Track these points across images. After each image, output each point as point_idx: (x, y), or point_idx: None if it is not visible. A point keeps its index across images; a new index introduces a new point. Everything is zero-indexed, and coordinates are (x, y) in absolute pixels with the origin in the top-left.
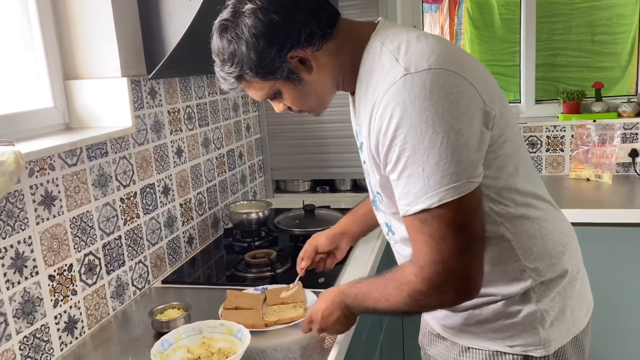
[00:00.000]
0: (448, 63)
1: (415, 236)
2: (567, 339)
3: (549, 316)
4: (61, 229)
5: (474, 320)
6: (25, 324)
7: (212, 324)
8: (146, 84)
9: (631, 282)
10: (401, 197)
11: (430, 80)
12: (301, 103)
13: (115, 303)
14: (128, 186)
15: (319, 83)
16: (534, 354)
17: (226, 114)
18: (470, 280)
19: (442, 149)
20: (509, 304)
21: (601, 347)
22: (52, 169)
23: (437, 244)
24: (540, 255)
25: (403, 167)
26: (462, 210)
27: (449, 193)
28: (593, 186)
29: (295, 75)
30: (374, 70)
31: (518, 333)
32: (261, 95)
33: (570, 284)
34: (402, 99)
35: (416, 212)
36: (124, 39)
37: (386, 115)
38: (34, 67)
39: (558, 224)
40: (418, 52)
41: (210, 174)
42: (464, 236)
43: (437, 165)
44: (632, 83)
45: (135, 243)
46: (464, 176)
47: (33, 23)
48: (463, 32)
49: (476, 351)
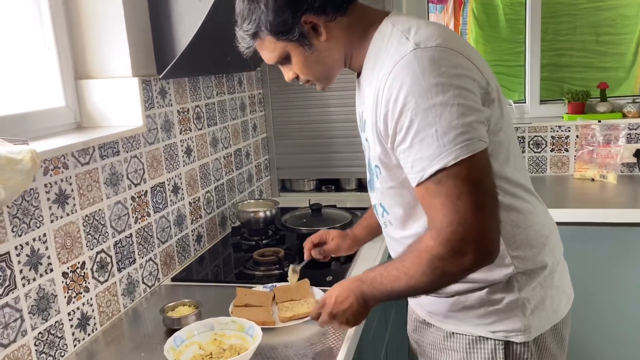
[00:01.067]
0: (455, 45)
1: (431, 201)
2: (546, 327)
3: (529, 304)
4: (74, 226)
5: (459, 307)
6: (40, 320)
7: (223, 321)
8: (156, 84)
9: (636, 282)
10: (414, 164)
11: (438, 54)
12: (308, 70)
13: (126, 300)
14: (139, 185)
15: (328, 53)
16: (514, 340)
17: (234, 114)
18: (488, 239)
19: (453, 109)
20: (493, 292)
21: (605, 346)
22: (65, 167)
23: (453, 203)
24: (522, 244)
25: (416, 132)
26: (476, 168)
27: (463, 150)
28: (598, 186)
29: (306, 40)
30: (382, 48)
31: (500, 319)
32: (272, 57)
33: (550, 276)
34: (412, 69)
35: (432, 174)
36: (135, 39)
37: (396, 84)
38: (46, 67)
39: (541, 217)
40: (427, 33)
41: (218, 173)
42: (480, 192)
43: (450, 124)
44: (637, 83)
45: (146, 241)
46: (475, 134)
47: (45, 23)
48: (468, 32)
49: (460, 336)
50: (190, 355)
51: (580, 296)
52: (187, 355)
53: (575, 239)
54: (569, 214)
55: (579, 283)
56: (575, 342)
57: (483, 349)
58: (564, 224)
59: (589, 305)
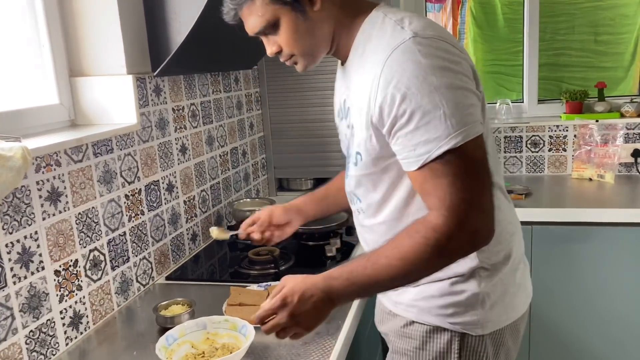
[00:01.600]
0: (449, 39)
1: (436, 182)
2: (505, 322)
3: (489, 299)
4: (67, 224)
5: (422, 296)
6: (31, 319)
7: (216, 320)
8: (151, 82)
9: (634, 282)
10: (418, 147)
11: (436, 44)
12: (296, 41)
13: (119, 299)
14: (133, 183)
15: (319, 24)
16: (471, 333)
17: (230, 112)
18: (491, 216)
19: (458, 91)
20: (455, 283)
21: (607, 347)
22: (58, 165)
23: (462, 182)
24: None
25: (422, 115)
26: (480, 148)
27: (469, 131)
28: (595, 186)
29: (300, 6)
30: (374, 35)
31: (459, 312)
32: (259, 24)
33: (511, 272)
34: (413, 54)
35: (439, 155)
36: (130, 37)
37: (396, 69)
38: (40, 64)
39: (508, 215)
40: (422, 25)
41: (214, 171)
42: (484, 171)
43: (457, 106)
44: (635, 83)
45: (140, 239)
46: (477, 117)
47: (39, 20)
48: (466, 32)
49: (419, 325)
50: (182, 354)
51: (578, 295)
52: (179, 354)
53: (573, 239)
54: (567, 213)
55: (575, 282)
56: (573, 342)
57: (439, 339)
58: (562, 223)
59: (587, 304)
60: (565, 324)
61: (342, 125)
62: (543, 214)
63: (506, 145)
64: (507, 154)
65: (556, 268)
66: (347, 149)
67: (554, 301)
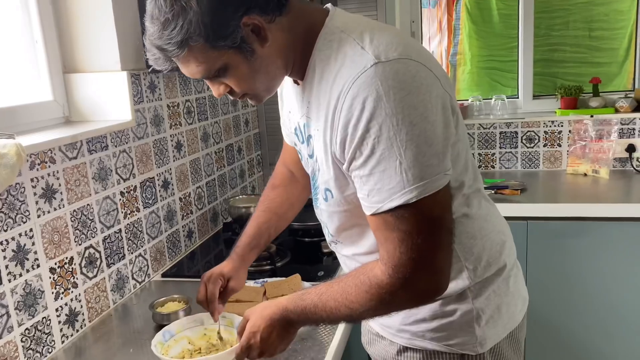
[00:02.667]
0: (415, 55)
1: (387, 234)
2: (502, 335)
3: (484, 314)
4: (62, 222)
5: (411, 320)
6: (26, 317)
7: None
8: (146, 78)
9: (628, 277)
10: (371, 194)
11: (402, 69)
12: (248, 82)
13: (115, 296)
14: (128, 180)
15: (271, 59)
16: (470, 352)
17: (225, 109)
18: (443, 275)
19: (420, 141)
20: (446, 303)
21: (603, 341)
22: (52, 162)
23: (413, 241)
24: (479, 256)
25: (377, 161)
26: (438, 204)
27: (427, 187)
28: (590, 181)
29: (247, 46)
30: (332, 57)
31: (455, 332)
32: (202, 70)
33: (504, 282)
34: (375, 89)
35: (390, 208)
36: (124, 33)
37: (357, 106)
38: (34, 61)
39: (496, 224)
40: (385, 42)
41: (210, 168)
42: (440, 230)
43: (416, 158)
44: (629, 79)
45: (135, 237)
46: (440, 169)
47: (33, 17)
48: (461, 28)
49: (413, 351)
50: (179, 350)
51: (573, 290)
52: (176, 350)
53: (568, 234)
54: (562, 208)
55: (571, 278)
56: (569, 337)
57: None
58: (557, 218)
59: (583, 299)
60: (560, 318)
61: (303, 150)
62: (538, 209)
63: (501, 140)
64: (502, 150)
65: (551, 263)
66: (312, 178)
67: (548, 296)
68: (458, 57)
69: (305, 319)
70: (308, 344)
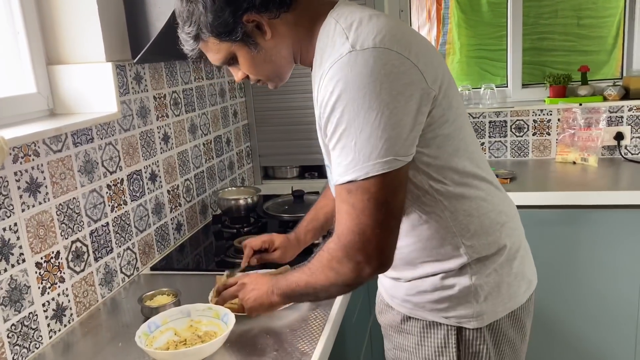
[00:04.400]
0: (393, 43)
1: (340, 205)
2: (502, 313)
3: (482, 291)
4: (47, 216)
5: (414, 291)
6: (12, 312)
7: (200, 308)
8: (131, 69)
9: (617, 264)
10: (334, 167)
11: (373, 58)
12: (257, 70)
13: (103, 290)
14: (115, 173)
15: (275, 51)
16: (467, 326)
17: (213, 100)
18: (382, 254)
19: (374, 125)
20: (446, 277)
21: (591, 328)
22: (36, 155)
23: (357, 215)
24: (477, 232)
25: (338, 139)
26: (385, 187)
27: (375, 168)
28: (579, 169)
29: (251, 40)
30: (327, 45)
31: (453, 305)
32: (218, 59)
33: (507, 262)
34: (345, 74)
35: (344, 182)
36: (108, 23)
37: (329, 88)
38: (16, 53)
39: (497, 204)
40: (366, 31)
41: (198, 160)
42: (382, 212)
43: (368, 140)
44: (618, 67)
45: (123, 230)
46: (391, 153)
47: (14, 7)
48: (450, 16)
49: (415, 320)
50: (164, 341)
51: (561, 278)
52: (161, 341)
53: (557, 222)
54: (551, 197)
55: (560, 265)
56: (558, 324)
57: (436, 334)
58: (546, 206)
59: (570, 286)
60: (549, 306)
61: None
62: (528, 197)
63: (491, 130)
64: (491, 139)
65: (541, 251)
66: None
67: (539, 283)
68: (447, 47)
69: (285, 281)
70: (299, 334)
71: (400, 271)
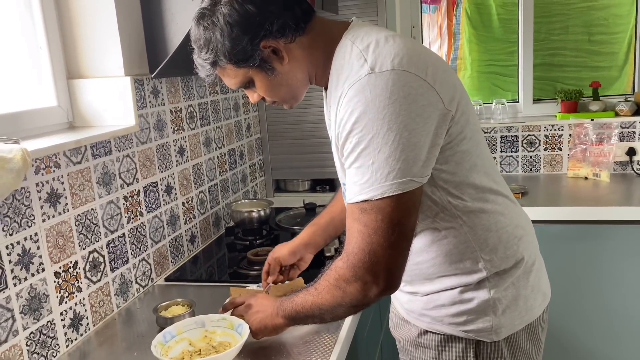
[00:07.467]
0: (411, 65)
1: (352, 224)
2: (519, 326)
3: (501, 304)
4: (66, 226)
5: (432, 305)
6: (31, 320)
7: (214, 318)
8: (149, 83)
9: (629, 280)
10: (349, 186)
11: (392, 80)
12: (273, 93)
13: (119, 300)
14: (131, 184)
15: (291, 74)
16: (485, 339)
17: (227, 114)
18: (391, 275)
19: (393, 146)
20: (464, 291)
21: (603, 343)
22: (57, 166)
23: (369, 234)
24: (495, 247)
25: (355, 158)
26: (400, 208)
27: (391, 188)
28: (591, 184)
29: (268, 65)
30: (344, 67)
31: (472, 319)
32: (235, 83)
33: (524, 275)
34: (365, 96)
35: (359, 201)
36: (127, 39)
37: (348, 108)
38: (38, 67)
39: (514, 218)
40: (384, 53)
41: (212, 173)
42: (395, 232)
43: (386, 160)
44: (629, 82)
45: (139, 241)
46: (408, 174)
47: (37, 23)
48: (461, 32)
49: (433, 334)
50: (179, 351)
51: (573, 293)
52: (176, 351)
53: (569, 237)
54: (563, 212)
55: (572, 280)
56: (570, 339)
57: (454, 348)
58: (558, 222)
59: (582, 302)
60: (561, 321)
61: (334, 153)
62: (539, 212)
63: (502, 144)
64: (503, 154)
65: (552, 266)
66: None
67: (551, 298)
68: (458, 62)
69: (289, 303)
70: (311, 346)
71: (417, 286)
